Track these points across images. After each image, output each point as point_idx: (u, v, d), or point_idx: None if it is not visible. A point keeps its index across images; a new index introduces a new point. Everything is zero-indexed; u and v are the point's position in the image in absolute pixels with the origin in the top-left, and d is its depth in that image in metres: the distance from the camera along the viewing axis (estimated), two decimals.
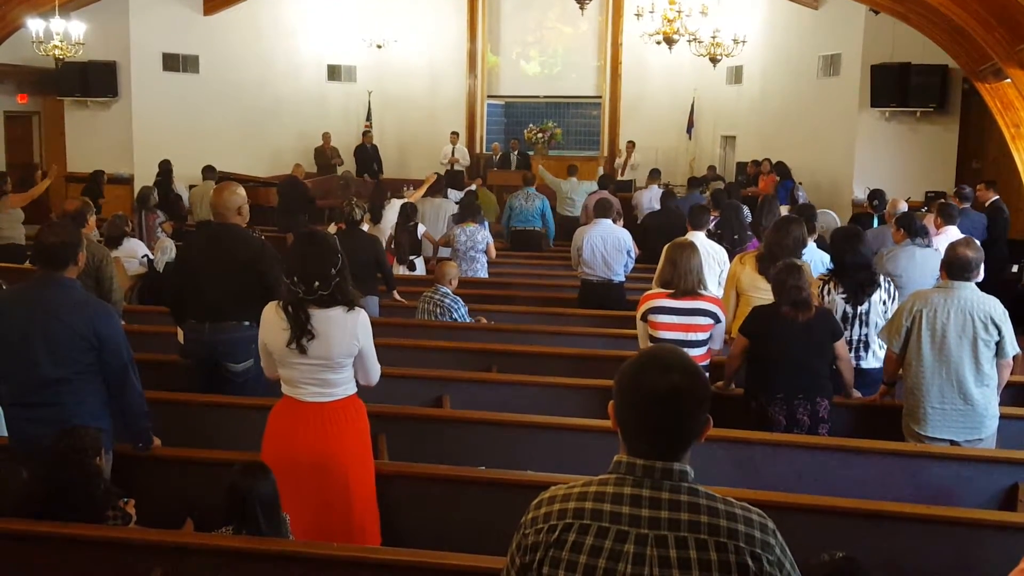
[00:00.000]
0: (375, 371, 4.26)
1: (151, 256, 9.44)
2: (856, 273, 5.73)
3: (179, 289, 5.55)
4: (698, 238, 7.32)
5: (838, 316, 5.76)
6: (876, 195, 10.45)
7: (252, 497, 3.63)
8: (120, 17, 15.82)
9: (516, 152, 18.11)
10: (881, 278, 5.81)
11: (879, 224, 9.83)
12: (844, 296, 5.73)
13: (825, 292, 5.81)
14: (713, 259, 7.15)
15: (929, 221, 8.15)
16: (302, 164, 15.12)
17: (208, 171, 13.18)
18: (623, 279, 8.44)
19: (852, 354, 5.68)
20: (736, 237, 8.18)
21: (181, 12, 16.67)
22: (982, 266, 5.24)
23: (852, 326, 5.71)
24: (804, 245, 6.23)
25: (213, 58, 17.08)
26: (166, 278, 9.27)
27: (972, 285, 5.02)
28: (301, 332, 3.94)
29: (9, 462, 4.29)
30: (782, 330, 5.13)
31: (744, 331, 5.32)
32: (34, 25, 12.54)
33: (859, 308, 5.70)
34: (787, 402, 5.08)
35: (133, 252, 9.28)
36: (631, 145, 17.64)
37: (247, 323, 5.25)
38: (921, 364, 5.02)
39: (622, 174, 17.03)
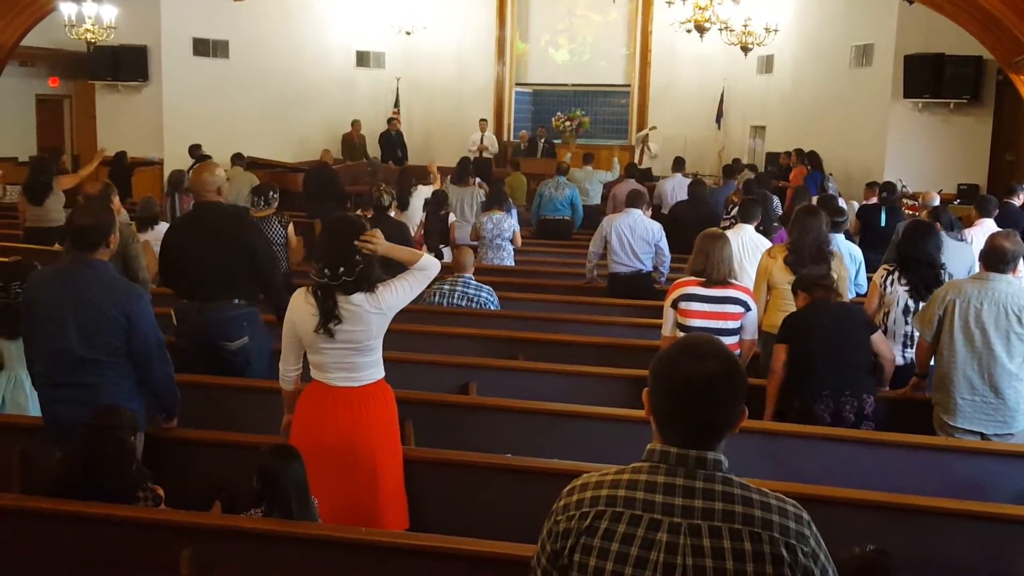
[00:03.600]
0: (420, 274, 4.14)
1: None
2: (919, 269, 5.72)
3: (163, 273, 5.68)
4: (746, 231, 7.26)
5: (899, 309, 5.75)
6: (886, 187, 10.35)
7: (285, 479, 3.65)
8: (151, 2, 15.90)
9: (543, 140, 18.08)
10: (945, 276, 5.76)
11: (886, 216, 9.74)
12: (907, 289, 5.73)
13: (888, 283, 5.78)
14: (760, 253, 7.06)
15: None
16: (330, 150, 15.15)
17: (237, 158, 13.23)
18: (650, 268, 8.40)
19: (913, 348, 5.65)
20: (762, 228, 8.10)
21: None
22: (1021, 260, 5.16)
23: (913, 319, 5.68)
24: (828, 240, 6.12)
25: (243, 43, 17.13)
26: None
27: (1009, 277, 4.96)
28: (328, 316, 3.95)
29: (43, 442, 4.34)
30: (818, 326, 5.11)
31: (782, 339, 5.25)
32: (66, 9, 12.65)
33: (921, 303, 5.65)
34: (833, 399, 5.02)
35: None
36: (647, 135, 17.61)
37: (237, 300, 5.29)
38: (953, 354, 4.97)
39: (639, 163, 16.92)
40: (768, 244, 7.35)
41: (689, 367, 2.02)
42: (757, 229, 7.62)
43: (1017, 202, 9.32)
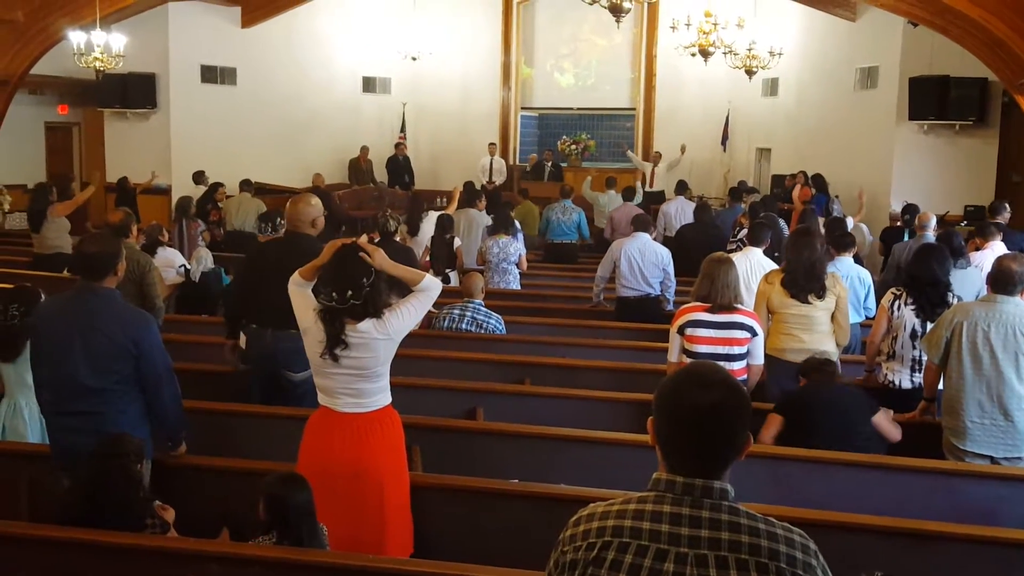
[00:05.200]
0: (423, 296, 4.14)
1: (188, 266, 9.52)
2: (925, 288, 5.73)
3: (241, 297, 5.64)
4: (755, 254, 7.25)
5: (907, 333, 5.74)
6: (909, 210, 10.38)
7: (295, 507, 3.65)
8: (160, 30, 16.00)
9: (550, 164, 18.16)
10: (952, 298, 5.76)
11: (908, 238, 9.77)
12: (914, 309, 5.72)
13: (896, 307, 5.78)
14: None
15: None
16: (322, 174, 15.22)
17: (245, 184, 13.31)
18: (659, 292, 8.39)
19: (921, 372, 5.62)
20: (776, 255, 8.07)
21: (219, 25, 16.83)
22: None
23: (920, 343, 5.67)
24: (823, 260, 6.09)
25: (250, 70, 17.23)
26: (202, 288, 9.39)
27: (1017, 299, 4.95)
28: (335, 342, 3.95)
29: (51, 470, 4.35)
30: (819, 401, 5.06)
31: (778, 410, 5.17)
32: (75, 37, 12.71)
33: (928, 326, 5.64)
34: None
35: (170, 262, 9.35)
36: (657, 156, 17.62)
37: None
38: (961, 377, 4.96)
39: (651, 185, 16.95)
40: (775, 267, 7.34)
41: (693, 395, 2.02)
42: (767, 253, 7.63)
43: (1003, 221, 9.34)
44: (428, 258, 9.71)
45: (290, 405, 5.42)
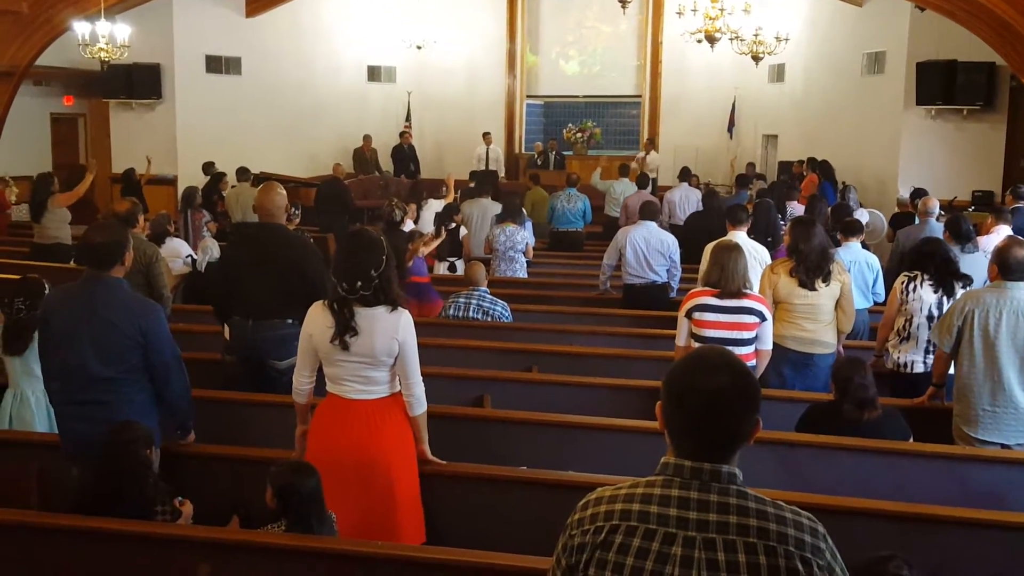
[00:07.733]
0: (415, 376, 4.14)
1: (195, 256, 9.52)
2: (939, 264, 5.81)
3: (223, 288, 5.61)
4: (739, 236, 7.25)
5: (923, 315, 5.74)
6: (919, 194, 10.34)
7: (304, 495, 3.65)
8: (164, 20, 16.00)
9: (555, 152, 18.14)
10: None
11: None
12: (932, 284, 5.75)
13: (910, 289, 5.77)
14: (755, 259, 7.05)
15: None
16: (342, 164, 15.21)
17: (242, 172, 13.23)
18: (665, 279, 8.38)
19: (935, 352, 5.63)
20: (770, 240, 8.06)
21: (224, 14, 16.84)
22: None
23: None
24: (829, 247, 6.10)
25: (255, 60, 17.24)
26: (209, 277, 9.37)
27: None
28: (344, 329, 3.95)
29: (61, 459, 4.36)
30: (845, 434, 4.75)
31: (801, 431, 4.99)
32: (80, 28, 12.70)
33: (946, 299, 5.64)
34: None
35: (177, 252, 9.34)
36: (649, 144, 17.55)
37: (291, 321, 5.29)
38: (972, 366, 4.93)
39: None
40: (763, 248, 7.35)
41: (702, 380, 2.02)
42: (766, 240, 7.60)
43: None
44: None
45: (279, 394, 5.41)
